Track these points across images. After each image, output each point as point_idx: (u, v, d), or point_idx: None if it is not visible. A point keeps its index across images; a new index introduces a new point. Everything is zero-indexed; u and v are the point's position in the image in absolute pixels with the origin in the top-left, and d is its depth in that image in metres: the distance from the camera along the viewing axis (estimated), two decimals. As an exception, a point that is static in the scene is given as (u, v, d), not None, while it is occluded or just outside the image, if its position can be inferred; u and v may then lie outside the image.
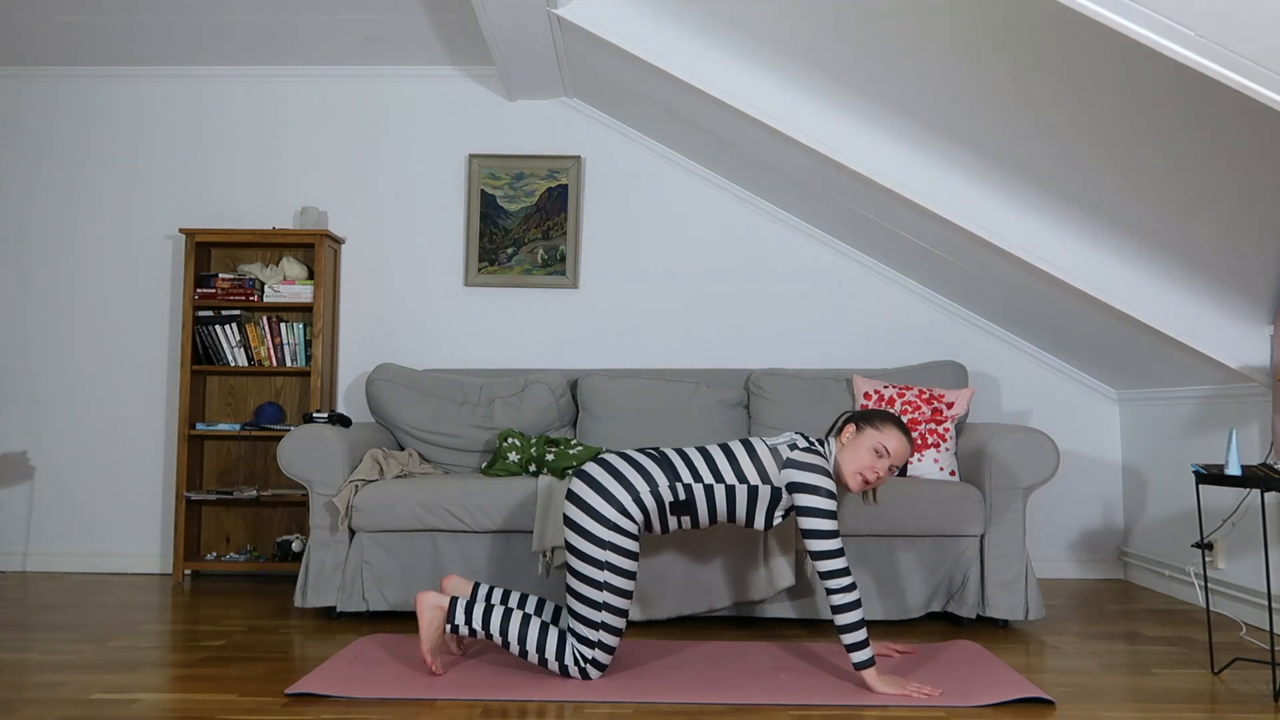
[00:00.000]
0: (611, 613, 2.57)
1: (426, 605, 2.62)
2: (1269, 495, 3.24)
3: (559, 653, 2.59)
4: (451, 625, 2.62)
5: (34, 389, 4.54)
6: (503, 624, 2.60)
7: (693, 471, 2.65)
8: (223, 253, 4.54)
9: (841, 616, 2.48)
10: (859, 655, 2.49)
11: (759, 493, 2.65)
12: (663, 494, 2.62)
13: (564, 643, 2.60)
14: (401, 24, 4.08)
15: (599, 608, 2.56)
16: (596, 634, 2.58)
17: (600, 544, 2.56)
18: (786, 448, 2.65)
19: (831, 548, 2.51)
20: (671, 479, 2.63)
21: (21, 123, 4.62)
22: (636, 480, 2.62)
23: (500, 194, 4.52)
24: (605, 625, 2.58)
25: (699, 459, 2.69)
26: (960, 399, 3.75)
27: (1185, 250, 3.27)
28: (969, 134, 3.35)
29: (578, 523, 2.59)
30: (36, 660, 2.84)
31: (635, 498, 2.60)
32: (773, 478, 2.64)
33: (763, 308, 4.49)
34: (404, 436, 4.01)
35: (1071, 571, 4.37)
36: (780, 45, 3.42)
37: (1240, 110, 2.58)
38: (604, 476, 2.63)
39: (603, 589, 2.56)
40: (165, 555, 4.45)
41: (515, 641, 2.59)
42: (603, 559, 2.56)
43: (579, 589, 2.58)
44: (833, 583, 2.50)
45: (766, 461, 2.66)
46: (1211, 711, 2.42)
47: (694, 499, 2.65)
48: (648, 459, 2.67)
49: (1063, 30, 2.67)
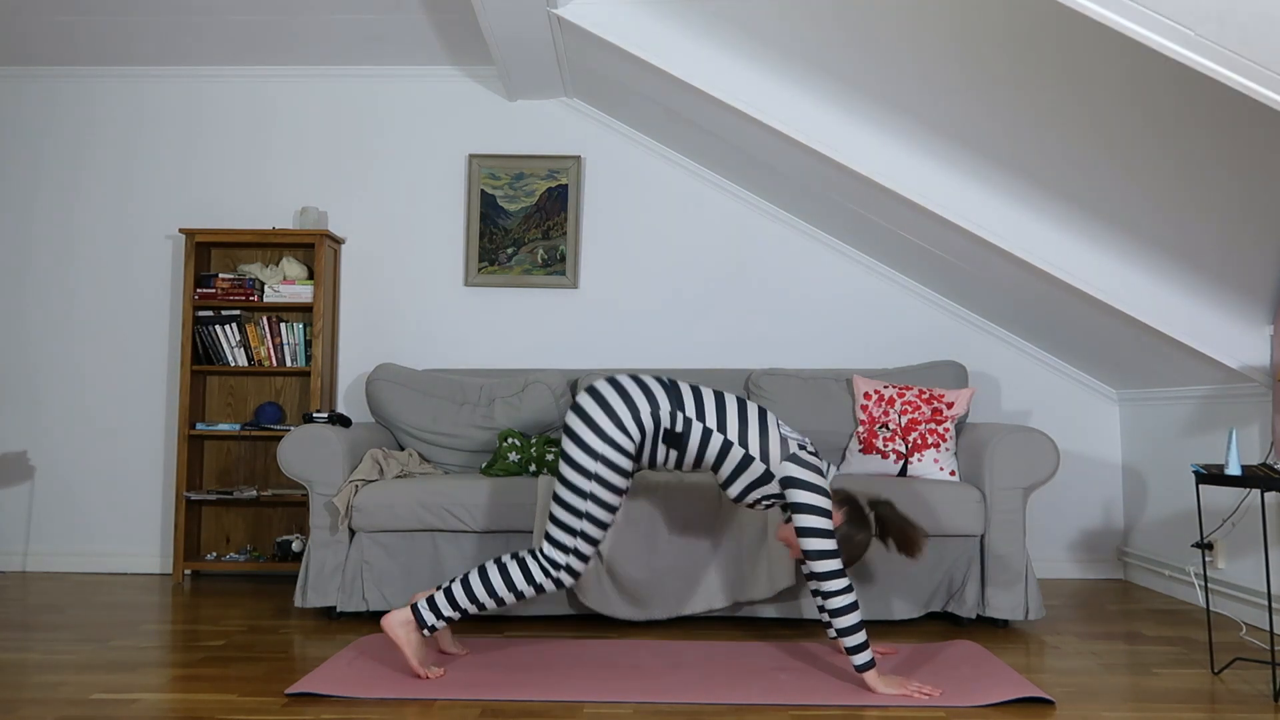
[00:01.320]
0: (592, 523, 2.62)
1: (395, 625, 2.63)
2: (1269, 495, 3.24)
3: (527, 578, 2.63)
4: (429, 628, 2.64)
5: (34, 389, 4.54)
6: (468, 593, 2.64)
7: (698, 409, 2.65)
8: (223, 253, 4.54)
9: (841, 620, 2.49)
10: (860, 657, 2.49)
11: (749, 465, 2.64)
12: (661, 417, 2.63)
13: (527, 567, 2.64)
14: (401, 24, 4.09)
15: (581, 516, 2.61)
16: (574, 540, 2.61)
17: (594, 455, 2.59)
18: (796, 444, 2.65)
19: (827, 547, 2.52)
20: (675, 406, 2.64)
21: (21, 123, 4.62)
22: (639, 399, 2.63)
23: (500, 194, 4.52)
24: (584, 534, 2.62)
25: (710, 401, 2.67)
26: (960, 399, 3.75)
27: (1185, 250, 3.27)
28: (969, 134, 3.35)
29: (575, 432, 2.62)
30: (36, 660, 2.84)
31: (635, 416, 2.61)
32: (771, 460, 2.63)
33: (763, 307, 4.49)
34: (404, 436, 4.01)
35: (1071, 571, 4.37)
36: (780, 45, 3.42)
37: (1240, 110, 2.58)
38: (610, 393, 2.64)
39: (588, 499, 2.60)
40: (165, 555, 4.45)
41: (487, 596, 2.64)
42: (593, 470, 2.59)
43: (565, 496, 2.61)
44: (829, 584, 2.50)
45: (773, 442, 2.64)
46: (1211, 711, 2.42)
47: (689, 435, 2.64)
48: (657, 383, 2.68)
49: (1063, 30, 2.68)
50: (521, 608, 3.33)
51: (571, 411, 2.66)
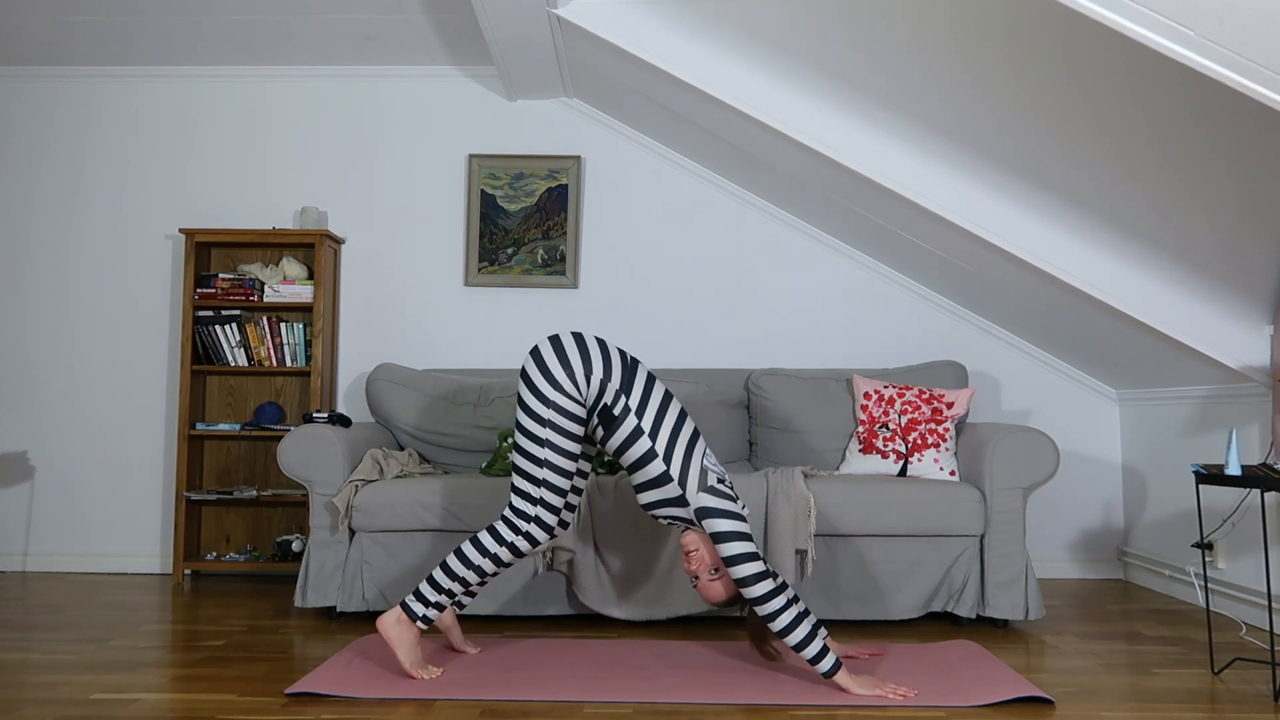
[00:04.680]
0: (554, 471, 2.62)
1: (389, 625, 2.63)
2: (1269, 495, 3.24)
3: (498, 539, 2.65)
4: (421, 619, 2.65)
5: (34, 389, 4.54)
6: (448, 573, 2.66)
7: (640, 404, 2.63)
8: (223, 253, 4.54)
9: (791, 636, 2.45)
10: (823, 665, 2.46)
11: (665, 483, 2.62)
12: (606, 390, 2.62)
13: (496, 529, 2.65)
14: (401, 24, 4.09)
15: (541, 465, 2.62)
16: (538, 490, 2.63)
17: (547, 403, 2.61)
18: (715, 477, 2.61)
19: (757, 570, 2.48)
20: (622, 389, 2.63)
21: (20, 123, 4.62)
22: (596, 361, 2.63)
23: (500, 194, 4.52)
24: (546, 483, 2.63)
25: (655, 401, 2.65)
26: (960, 399, 3.75)
27: (1185, 250, 3.27)
28: (969, 134, 3.35)
29: (531, 379, 2.63)
30: (36, 660, 2.84)
31: (586, 374, 2.62)
32: (688, 487, 2.59)
33: (763, 307, 4.49)
34: (404, 436, 4.01)
35: (1071, 571, 4.37)
36: (780, 44, 3.42)
37: (1240, 110, 2.58)
38: (569, 344, 2.65)
39: (545, 446, 2.61)
40: (165, 555, 4.45)
41: (466, 569, 2.65)
42: (547, 417, 2.61)
43: (526, 446, 2.63)
44: (770, 605, 2.45)
45: (694, 469, 2.60)
46: (1211, 711, 2.42)
47: (621, 423, 2.63)
48: (618, 357, 2.67)
49: (1063, 30, 2.67)
50: (522, 606, 3.33)
51: (529, 357, 2.67)
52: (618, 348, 2.70)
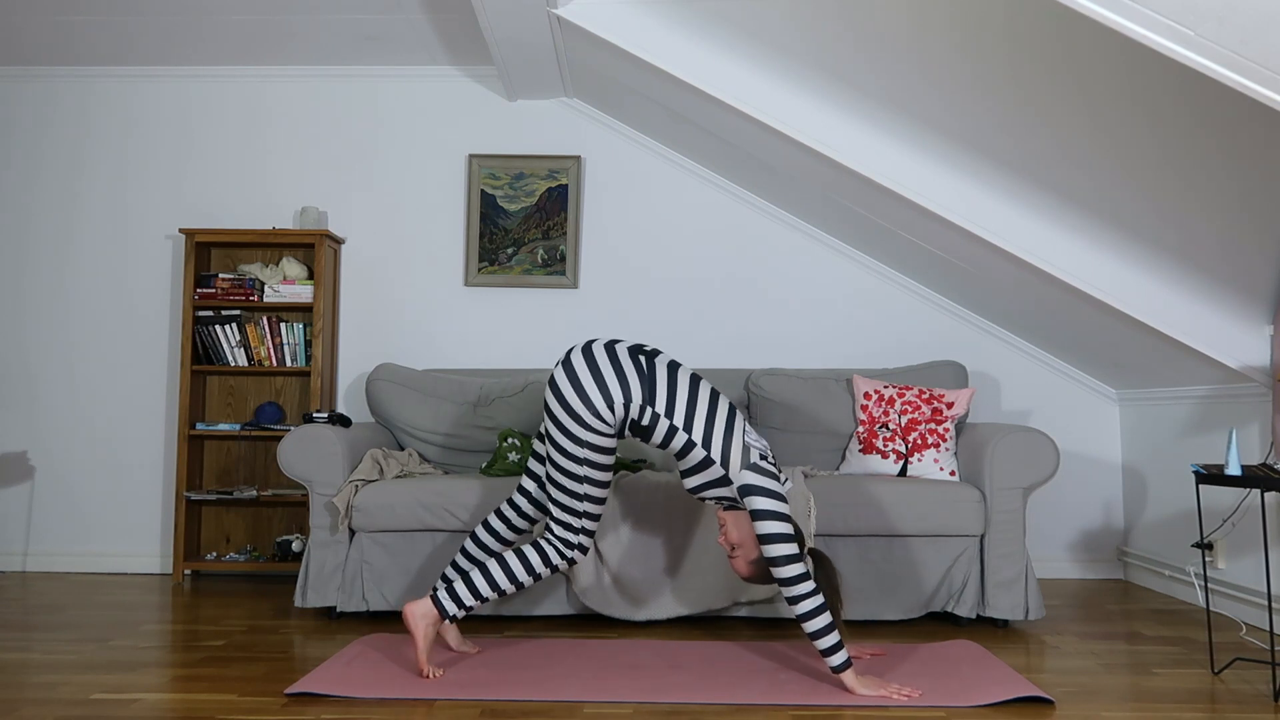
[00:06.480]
0: (592, 501, 2.71)
1: (417, 616, 2.66)
2: (1269, 495, 3.24)
3: (545, 560, 2.74)
4: (451, 617, 2.68)
5: (34, 389, 4.54)
6: (489, 581, 2.71)
7: (668, 403, 2.65)
8: (223, 253, 4.54)
9: (811, 623, 2.47)
10: (835, 659, 2.48)
11: (709, 466, 2.64)
12: (632, 412, 2.65)
13: (544, 551, 2.73)
14: (401, 24, 4.09)
15: (581, 498, 2.70)
16: (580, 520, 2.72)
17: (578, 442, 2.65)
18: (757, 454, 2.63)
19: (790, 552, 2.51)
20: (645, 401, 2.65)
21: (20, 123, 4.62)
22: (615, 389, 2.64)
23: (500, 194, 4.52)
24: (587, 514, 2.72)
25: (682, 394, 2.67)
26: (960, 399, 3.75)
27: (1185, 250, 3.27)
28: (969, 134, 3.35)
29: (559, 420, 2.65)
30: (36, 660, 2.85)
31: (609, 403, 2.63)
32: (731, 465, 2.62)
33: (762, 307, 4.49)
34: (404, 436, 4.01)
35: (1071, 571, 4.37)
36: (780, 44, 3.42)
37: (1240, 110, 2.58)
38: (585, 376, 2.65)
39: (583, 482, 2.68)
40: (165, 555, 4.45)
41: (508, 583, 2.72)
42: (581, 455, 2.65)
43: (562, 481, 2.68)
44: (796, 589, 2.49)
45: (735, 447, 2.63)
46: (1211, 711, 2.42)
47: (654, 428, 2.66)
48: (632, 366, 2.67)
49: (1063, 30, 2.67)
50: (522, 606, 3.33)
51: (550, 391, 2.67)
52: (629, 350, 2.68)
